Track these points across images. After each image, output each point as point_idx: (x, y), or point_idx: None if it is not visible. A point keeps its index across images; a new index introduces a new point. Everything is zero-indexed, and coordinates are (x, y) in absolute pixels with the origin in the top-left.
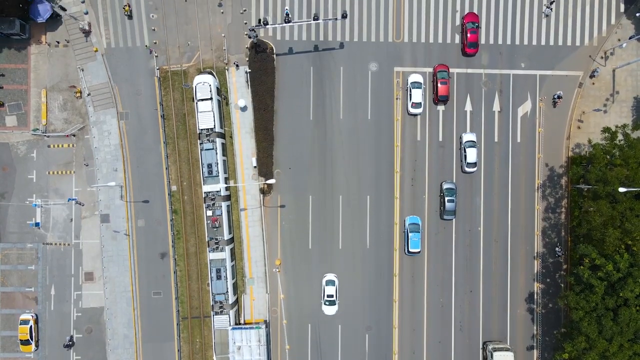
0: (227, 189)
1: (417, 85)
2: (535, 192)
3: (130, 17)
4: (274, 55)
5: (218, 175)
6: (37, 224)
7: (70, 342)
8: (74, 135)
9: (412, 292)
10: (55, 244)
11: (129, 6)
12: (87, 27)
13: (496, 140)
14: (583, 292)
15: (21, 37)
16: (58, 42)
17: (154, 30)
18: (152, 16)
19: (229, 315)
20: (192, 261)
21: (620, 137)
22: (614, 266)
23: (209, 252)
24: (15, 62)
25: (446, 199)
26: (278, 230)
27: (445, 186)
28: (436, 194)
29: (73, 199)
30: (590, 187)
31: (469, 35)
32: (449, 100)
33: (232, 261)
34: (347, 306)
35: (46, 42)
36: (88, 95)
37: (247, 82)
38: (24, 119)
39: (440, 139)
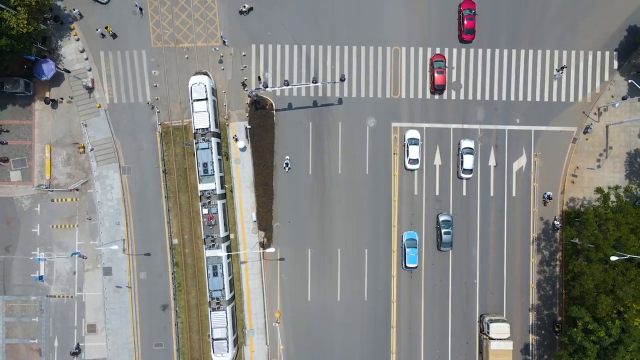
0: (222, 187)
1: (414, 141)
2: (530, 245)
3: (114, 36)
4: (274, 111)
5: (213, 174)
6: (40, 278)
7: (77, 350)
8: (77, 190)
9: (409, 345)
10: (59, 296)
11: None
12: (90, 84)
13: (492, 194)
14: (576, 353)
15: (26, 94)
16: (62, 99)
17: (155, 86)
18: (154, 72)
19: (225, 311)
20: (193, 313)
21: (613, 198)
22: (606, 332)
23: (205, 249)
24: (19, 118)
25: (443, 231)
26: (278, 283)
27: (441, 218)
28: (433, 250)
29: (76, 253)
30: (583, 247)
31: (465, 22)
32: (445, 89)
33: (228, 258)
34: (345, 356)
35: (50, 99)
36: (91, 150)
37: (247, 137)
38: (28, 174)
39: (437, 193)
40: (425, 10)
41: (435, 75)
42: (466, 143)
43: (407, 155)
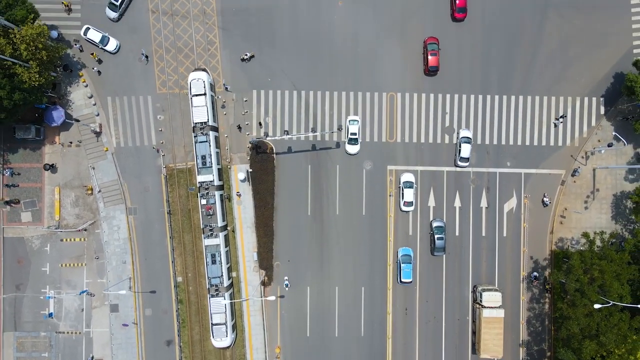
0: (219, 179)
1: (408, 185)
2: (521, 283)
3: (69, 11)
4: (274, 155)
5: (211, 166)
6: (50, 315)
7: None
8: (85, 230)
9: None
10: (68, 332)
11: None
12: (97, 129)
13: (484, 234)
14: None
15: (36, 139)
16: (71, 143)
17: (160, 130)
18: (159, 117)
19: (224, 297)
20: (197, 348)
21: (598, 242)
22: None
23: (204, 238)
24: (30, 161)
25: (436, 236)
26: (278, 319)
27: (434, 224)
28: (427, 288)
29: (84, 291)
30: (569, 291)
31: (457, 1)
32: (439, 70)
33: (225, 247)
34: None
35: (59, 143)
36: (99, 192)
37: (248, 180)
38: (39, 215)
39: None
40: (418, 58)
41: (429, 57)
42: (464, 132)
43: (402, 198)
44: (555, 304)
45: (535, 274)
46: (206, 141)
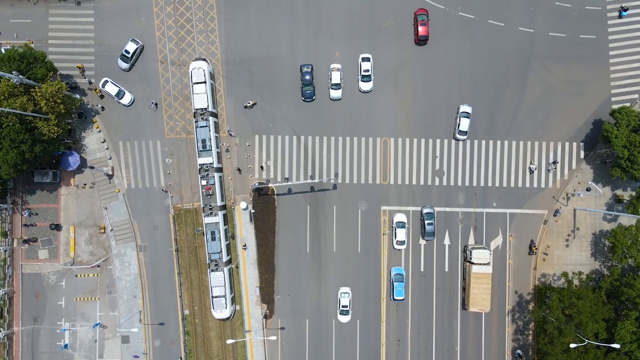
0: (218, 161)
1: (401, 225)
2: (506, 316)
3: (83, 72)
4: (275, 196)
5: (211, 150)
6: (65, 346)
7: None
8: (98, 266)
9: None
10: None
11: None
12: (110, 172)
13: None
14: None
15: (53, 182)
16: (85, 185)
17: (169, 173)
18: (168, 161)
19: (223, 271)
20: None
21: (576, 282)
22: None
23: (204, 217)
24: (47, 202)
25: (426, 222)
26: (279, 350)
27: (425, 211)
28: (419, 321)
29: (98, 324)
30: (548, 329)
31: (420, 28)
32: (429, 39)
33: (224, 225)
34: None
35: (74, 185)
36: (111, 230)
37: (251, 220)
38: (55, 252)
39: (422, 270)
40: (410, 106)
41: (419, 27)
42: (464, 107)
43: (395, 237)
44: (538, 335)
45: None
46: (206, 126)
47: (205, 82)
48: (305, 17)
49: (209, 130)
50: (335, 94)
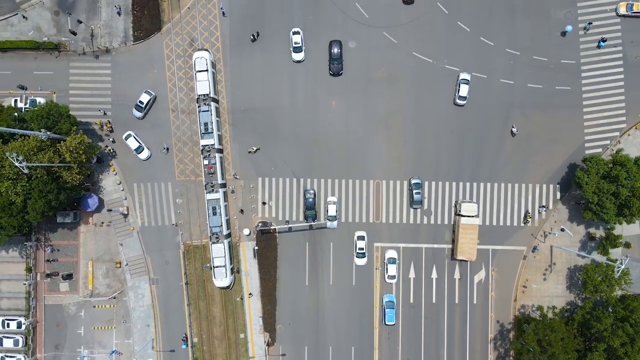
0: (220, 143)
1: (392, 261)
2: (489, 344)
3: (101, 128)
4: (277, 234)
5: (212, 132)
6: None
7: None
8: (114, 298)
9: None
10: None
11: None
12: (125, 211)
13: (457, 302)
14: None
15: (73, 222)
16: (102, 223)
17: (179, 212)
18: (178, 201)
19: (223, 243)
20: None
21: (550, 315)
22: None
23: (206, 193)
24: (67, 239)
25: (414, 191)
26: None
27: (413, 181)
28: (408, 348)
29: (114, 351)
30: None
31: None
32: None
33: (225, 201)
34: None
35: (93, 223)
36: (126, 265)
37: (254, 256)
38: (75, 285)
39: (412, 301)
40: (401, 151)
41: None
42: (464, 75)
43: (387, 272)
44: None
45: None
46: (208, 110)
47: (207, 70)
48: (304, 69)
49: (211, 114)
50: (331, 225)
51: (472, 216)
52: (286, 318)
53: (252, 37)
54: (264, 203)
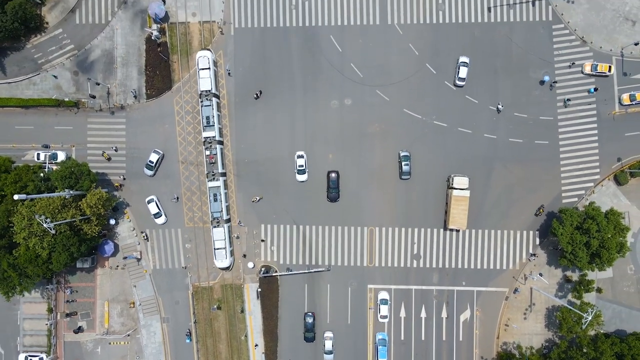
0: (220, 135)
1: (384, 302)
2: None
3: (109, 159)
4: (278, 276)
5: (214, 125)
6: None
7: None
8: (128, 336)
9: None
10: None
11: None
12: (139, 256)
13: (444, 339)
14: None
15: (91, 266)
16: (117, 266)
17: (188, 256)
18: (187, 246)
19: (223, 227)
20: None
21: (528, 354)
22: None
23: (208, 181)
24: (85, 281)
25: (402, 163)
26: None
27: (402, 154)
28: None
29: None
30: None
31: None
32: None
33: (225, 189)
34: None
35: (109, 267)
36: (139, 305)
37: (258, 297)
38: (92, 324)
39: (402, 338)
40: (393, 201)
41: None
42: (463, 58)
43: (379, 312)
44: None
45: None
46: (210, 105)
47: (209, 68)
48: (303, 125)
49: (212, 109)
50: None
51: (463, 189)
52: (287, 354)
53: (255, 95)
54: (262, 240)
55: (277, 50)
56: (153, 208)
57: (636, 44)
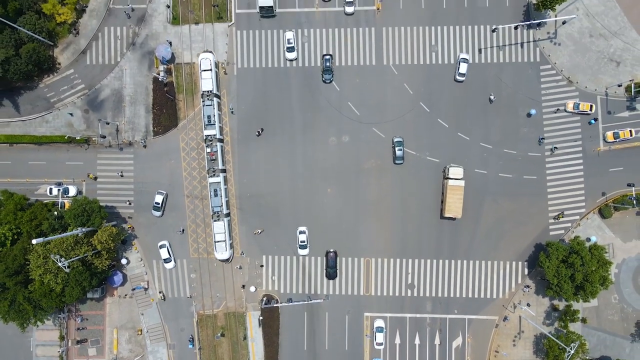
0: (220, 133)
1: (380, 329)
2: None
3: (95, 179)
4: (279, 305)
5: (215, 124)
6: None
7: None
8: None
9: None
10: None
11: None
12: (146, 285)
13: None
14: None
15: (100, 295)
16: (126, 295)
17: (193, 286)
18: (192, 276)
19: (223, 221)
20: None
21: None
22: None
23: (209, 177)
24: (95, 310)
25: (396, 148)
26: None
27: (395, 139)
28: None
29: None
30: None
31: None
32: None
33: (225, 185)
34: None
35: (117, 296)
36: (146, 332)
37: (259, 325)
38: (101, 350)
39: None
40: (389, 233)
41: None
42: (463, 55)
43: (375, 340)
44: None
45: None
46: (211, 104)
47: (211, 69)
48: (302, 161)
49: (214, 108)
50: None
51: (458, 179)
52: None
53: (257, 133)
54: (261, 265)
55: (278, 90)
56: (164, 253)
57: (619, 85)
